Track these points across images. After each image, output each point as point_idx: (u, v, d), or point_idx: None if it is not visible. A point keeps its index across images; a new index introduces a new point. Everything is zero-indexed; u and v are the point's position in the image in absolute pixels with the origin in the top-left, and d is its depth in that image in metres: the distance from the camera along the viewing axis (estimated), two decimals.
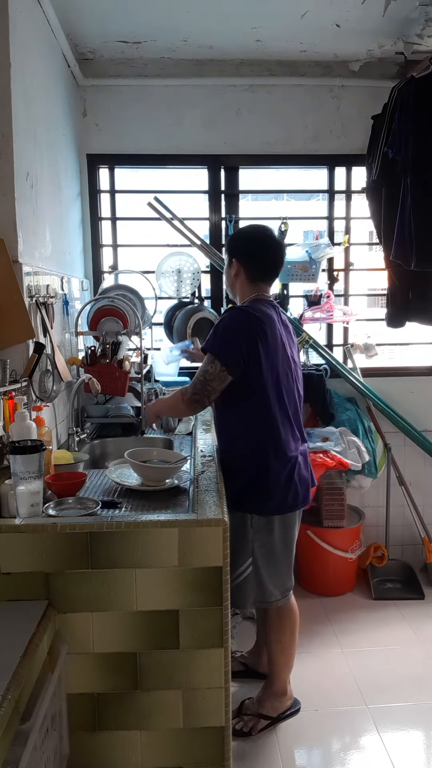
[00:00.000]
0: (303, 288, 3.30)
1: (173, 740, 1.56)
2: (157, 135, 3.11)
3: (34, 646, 1.27)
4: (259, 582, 2.00)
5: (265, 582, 2.01)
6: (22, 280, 1.94)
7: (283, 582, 2.06)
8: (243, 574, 1.99)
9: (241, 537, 1.97)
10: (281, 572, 2.04)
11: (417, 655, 2.54)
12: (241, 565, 1.98)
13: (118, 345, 2.64)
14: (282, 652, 2.12)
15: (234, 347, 1.89)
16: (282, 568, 2.05)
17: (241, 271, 2.05)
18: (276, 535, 2.00)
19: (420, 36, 2.74)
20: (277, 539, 2.00)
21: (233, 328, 1.92)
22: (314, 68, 3.09)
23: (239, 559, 1.98)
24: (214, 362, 1.89)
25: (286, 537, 2.03)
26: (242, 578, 1.99)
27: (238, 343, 1.89)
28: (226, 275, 2.14)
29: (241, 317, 1.94)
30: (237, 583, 1.98)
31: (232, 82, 3.08)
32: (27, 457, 1.49)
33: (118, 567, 1.47)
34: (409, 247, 2.65)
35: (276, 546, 2.01)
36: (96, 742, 1.55)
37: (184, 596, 1.49)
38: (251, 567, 1.99)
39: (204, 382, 1.91)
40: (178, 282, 3.16)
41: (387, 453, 3.18)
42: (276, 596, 2.04)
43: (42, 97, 2.31)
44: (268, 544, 1.99)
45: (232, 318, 1.95)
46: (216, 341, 1.92)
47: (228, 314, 1.99)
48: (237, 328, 1.92)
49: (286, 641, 2.12)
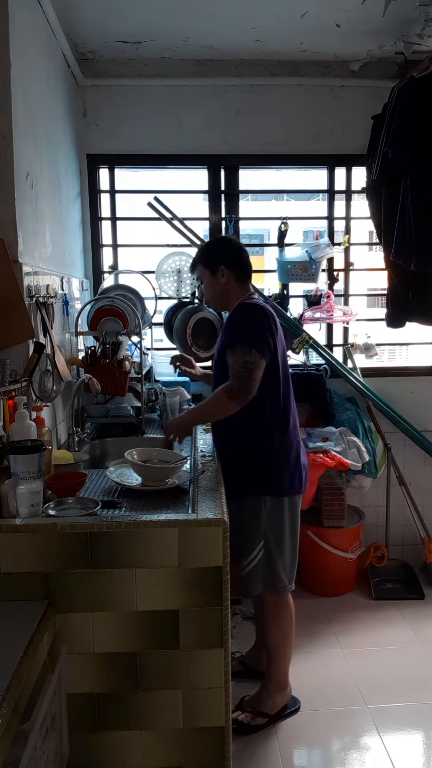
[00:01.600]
0: (303, 288, 3.31)
1: (173, 740, 1.56)
2: (157, 135, 3.11)
3: (34, 646, 1.27)
4: (269, 565, 2.06)
5: (276, 564, 2.07)
6: (22, 280, 1.94)
7: (291, 567, 2.12)
8: (255, 559, 2.05)
9: (254, 521, 2.04)
10: (290, 554, 2.11)
11: (417, 655, 2.54)
12: (254, 549, 2.04)
13: (118, 345, 2.64)
14: (282, 643, 2.15)
15: (261, 335, 1.98)
16: (290, 552, 2.11)
17: (231, 276, 2.13)
18: (285, 517, 2.07)
19: (420, 36, 2.75)
20: (287, 522, 2.07)
21: (254, 318, 2.02)
22: (314, 68, 3.09)
23: (252, 543, 2.04)
24: (250, 352, 1.94)
25: (293, 520, 2.11)
26: (254, 563, 2.05)
27: (263, 331, 1.99)
28: (212, 286, 2.16)
29: (257, 309, 2.03)
30: (249, 570, 2.05)
31: (232, 82, 3.08)
32: (27, 457, 1.49)
33: (118, 567, 1.47)
34: (409, 247, 2.65)
35: (285, 528, 2.07)
36: (96, 742, 1.55)
37: (184, 596, 1.49)
38: (263, 550, 2.05)
39: (248, 372, 1.94)
40: (178, 282, 3.16)
41: (387, 453, 3.18)
42: (284, 582, 2.09)
43: (42, 97, 2.31)
44: (278, 526, 2.06)
45: (249, 311, 2.05)
46: (244, 332, 1.99)
47: (243, 310, 2.07)
48: (256, 318, 2.01)
49: (286, 630, 2.15)
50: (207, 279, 2.17)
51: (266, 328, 2.00)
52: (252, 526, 2.04)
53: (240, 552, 2.04)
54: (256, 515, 2.04)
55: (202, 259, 2.19)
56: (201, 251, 2.25)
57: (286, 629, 2.16)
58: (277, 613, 2.14)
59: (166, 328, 3.20)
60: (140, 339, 2.74)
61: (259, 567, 2.05)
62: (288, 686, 2.19)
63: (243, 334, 1.99)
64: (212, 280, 2.15)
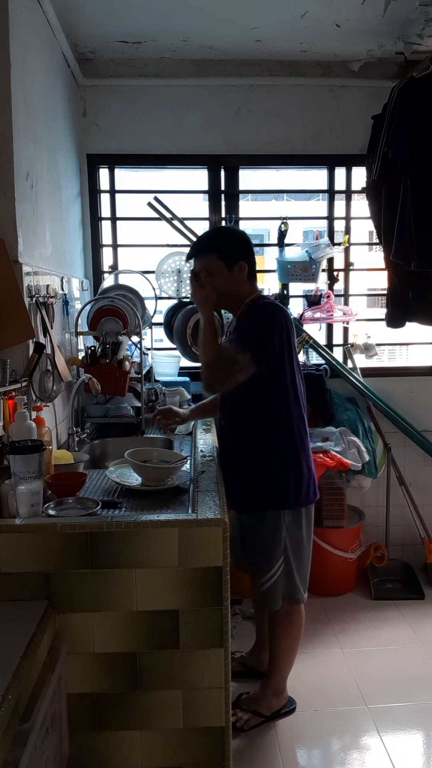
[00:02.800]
0: (303, 288, 3.31)
1: (173, 740, 1.56)
2: (157, 135, 3.10)
3: (34, 646, 1.27)
4: (288, 578, 2.03)
5: (294, 577, 2.03)
6: (22, 280, 1.94)
7: (306, 576, 2.09)
8: (276, 574, 2.00)
9: (275, 536, 1.99)
10: (306, 566, 2.08)
11: (417, 655, 2.54)
12: (275, 564, 2.00)
13: (118, 345, 2.64)
14: (288, 651, 2.14)
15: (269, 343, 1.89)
16: (307, 562, 2.08)
17: (246, 273, 2.00)
18: (303, 528, 2.03)
19: (420, 36, 2.74)
20: (304, 533, 2.04)
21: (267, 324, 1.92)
22: (314, 68, 3.09)
23: (273, 559, 2.00)
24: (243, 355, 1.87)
25: (309, 530, 2.07)
26: (275, 578, 2.01)
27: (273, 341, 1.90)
28: (226, 281, 1.98)
29: (275, 312, 1.94)
30: (271, 584, 2.00)
31: (232, 82, 3.08)
32: (27, 457, 1.49)
33: (118, 567, 1.47)
34: (409, 248, 2.65)
35: (303, 539, 2.04)
36: (96, 742, 1.55)
37: (184, 596, 1.49)
38: (283, 564, 2.01)
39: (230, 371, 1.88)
40: (178, 282, 3.16)
41: (387, 453, 3.18)
42: (301, 592, 2.07)
43: (42, 97, 2.30)
44: (297, 537, 2.02)
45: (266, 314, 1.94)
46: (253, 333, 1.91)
47: (258, 312, 1.96)
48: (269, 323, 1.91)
49: (293, 640, 2.14)
50: (221, 272, 1.96)
51: (278, 336, 1.90)
52: (273, 541, 1.99)
53: (261, 568, 2.01)
54: (276, 530, 1.98)
55: (218, 249, 1.97)
56: (215, 240, 2.05)
57: (294, 639, 2.13)
58: (289, 623, 2.11)
59: (166, 328, 3.20)
60: (140, 339, 2.74)
61: (280, 581, 2.01)
62: (285, 691, 2.19)
63: (248, 336, 1.91)
64: (228, 275, 1.96)
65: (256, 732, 2.10)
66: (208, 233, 2.17)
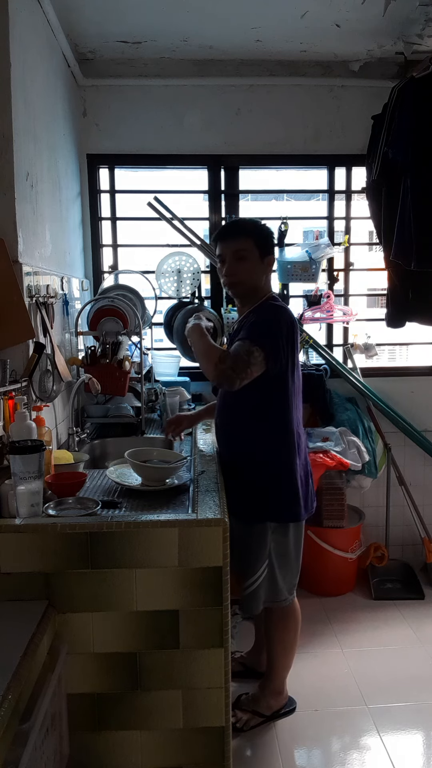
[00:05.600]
0: (303, 288, 3.30)
1: (173, 740, 1.56)
2: (157, 135, 3.11)
3: (34, 646, 1.27)
4: (272, 583, 2.02)
5: (278, 582, 2.02)
6: (22, 280, 1.94)
7: (293, 581, 2.08)
8: (258, 580, 1.99)
9: (260, 544, 1.98)
10: (293, 571, 2.07)
11: (417, 655, 2.54)
12: (257, 571, 1.99)
13: (118, 345, 2.64)
14: (284, 651, 2.13)
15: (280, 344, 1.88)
16: (294, 567, 2.07)
17: (271, 267, 2.05)
18: (291, 536, 2.02)
19: (420, 36, 2.75)
20: (291, 540, 2.02)
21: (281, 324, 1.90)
22: (314, 68, 3.09)
23: (255, 566, 1.98)
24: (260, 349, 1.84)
25: (298, 536, 2.05)
26: (257, 584, 2.00)
27: (282, 341, 1.88)
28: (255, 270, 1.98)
29: (287, 314, 1.94)
30: (252, 590, 1.99)
31: (232, 82, 3.08)
32: (27, 457, 1.49)
33: (118, 567, 1.47)
34: (409, 247, 2.65)
35: (290, 546, 2.03)
36: (96, 742, 1.55)
37: (184, 596, 1.49)
38: (266, 570, 2.00)
39: (247, 364, 1.83)
40: (178, 282, 3.16)
41: (387, 453, 3.18)
42: (285, 595, 2.06)
43: (42, 97, 2.31)
44: (282, 545, 2.01)
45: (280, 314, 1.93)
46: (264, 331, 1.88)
47: (272, 310, 1.95)
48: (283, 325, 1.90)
49: (290, 641, 2.13)
50: (253, 260, 1.97)
51: (287, 338, 1.90)
52: (257, 549, 1.98)
53: (244, 572, 2.00)
54: (262, 539, 1.98)
55: (258, 237, 1.98)
56: (254, 227, 2.03)
57: (290, 640, 2.13)
58: (284, 624, 2.11)
59: (166, 328, 3.20)
60: (140, 339, 2.74)
61: (261, 587, 2.00)
62: (284, 691, 2.19)
63: (262, 332, 1.88)
64: (259, 264, 1.99)
65: (256, 732, 2.10)
66: (244, 220, 2.15)
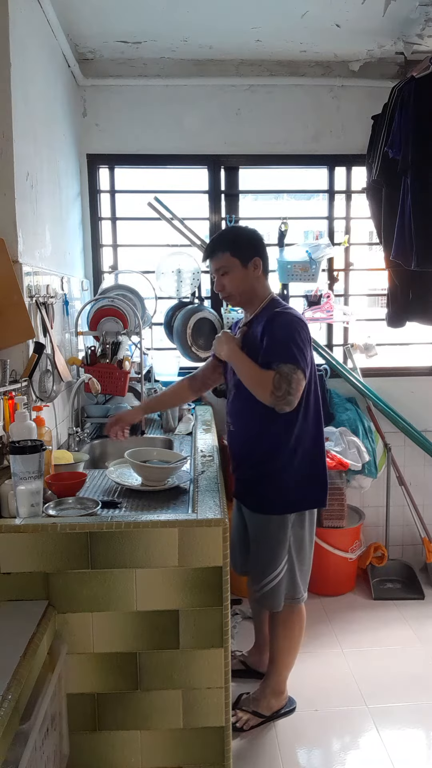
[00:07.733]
0: (303, 288, 3.30)
1: (173, 740, 1.56)
2: (157, 135, 3.11)
3: (34, 646, 1.27)
4: (291, 578, 2.03)
5: (296, 577, 2.03)
6: (22, 280, 1.94)
7: (307, 576, 2.09)
8: (280, 574, 2.00)
9: (281, 537, 1.98)
10: (308, 565, 2.08)
11: (417, 655, 2.54)
12: (279, 565, 1.99)
13: (118, 345, 2.64)
14: (288, 650, 2.13)
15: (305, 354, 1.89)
16: (309, 561, 2.08)
17: (261, 270, 2.01)
18: (306, 529, 2.03)
19: (420, 36, 2.74)
20: (307, 531, 2.03)
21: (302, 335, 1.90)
22: (314, 68, 3.09)
23: (276, 560, 1.99)
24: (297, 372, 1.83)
25: (312, 528, 2.06)
26: (279, 578, 2.00)
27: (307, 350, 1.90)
28: (242, 279, 1.98)
29: (300, 323, 1.93)
30: (274, 585, 2.00)
31: (232, 82, 3.08)
32: (27, 457, 1.49)
33: (118, 567, 1.47)
34: (409, 247, 2.65)
35: (305, 538, 2.03)
36: (96, 742, 1.55)
37: (184, 596, 1.49)
38: (287, 565, 2.01)
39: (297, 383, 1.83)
40: (178, 282, 3.16)
41: (387, 453, 3.18)
42: (301, 592, 2.07)
43: (42, 97, 2.31)
44: (299, 537, 2.02)
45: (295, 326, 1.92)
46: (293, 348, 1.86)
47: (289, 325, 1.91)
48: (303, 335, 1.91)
49: (294, 640, 2.13)
50: (236, 270, 1.97)
51: (308, 345, 1.92)
52: (278, 542, 1.98)
53: (265, 568, 2.00)
54: (283, 531, 1.97)
55: (233, 247, 1.97)
56: (228, 238, 2.03)
57: (294, 640, 2.13)
58: (289, 624, 2.11)
59: (166, 328, 3.20)
60: (140, 339, 2.74)
61: (283, 581, 2.01)
62: (285, 691, 2.19)
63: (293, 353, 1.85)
64: (243, 273, 1.97)
65: (256, 732, 2.10)
66: (221, 233, 2.15)
